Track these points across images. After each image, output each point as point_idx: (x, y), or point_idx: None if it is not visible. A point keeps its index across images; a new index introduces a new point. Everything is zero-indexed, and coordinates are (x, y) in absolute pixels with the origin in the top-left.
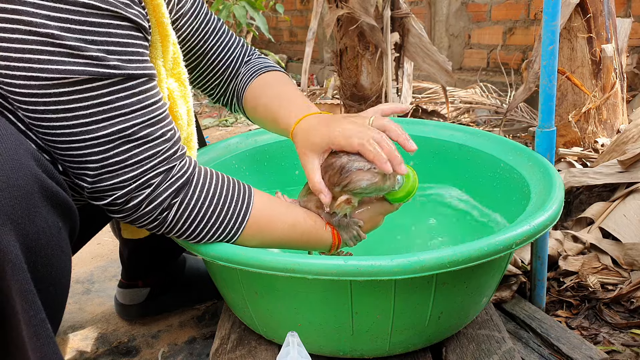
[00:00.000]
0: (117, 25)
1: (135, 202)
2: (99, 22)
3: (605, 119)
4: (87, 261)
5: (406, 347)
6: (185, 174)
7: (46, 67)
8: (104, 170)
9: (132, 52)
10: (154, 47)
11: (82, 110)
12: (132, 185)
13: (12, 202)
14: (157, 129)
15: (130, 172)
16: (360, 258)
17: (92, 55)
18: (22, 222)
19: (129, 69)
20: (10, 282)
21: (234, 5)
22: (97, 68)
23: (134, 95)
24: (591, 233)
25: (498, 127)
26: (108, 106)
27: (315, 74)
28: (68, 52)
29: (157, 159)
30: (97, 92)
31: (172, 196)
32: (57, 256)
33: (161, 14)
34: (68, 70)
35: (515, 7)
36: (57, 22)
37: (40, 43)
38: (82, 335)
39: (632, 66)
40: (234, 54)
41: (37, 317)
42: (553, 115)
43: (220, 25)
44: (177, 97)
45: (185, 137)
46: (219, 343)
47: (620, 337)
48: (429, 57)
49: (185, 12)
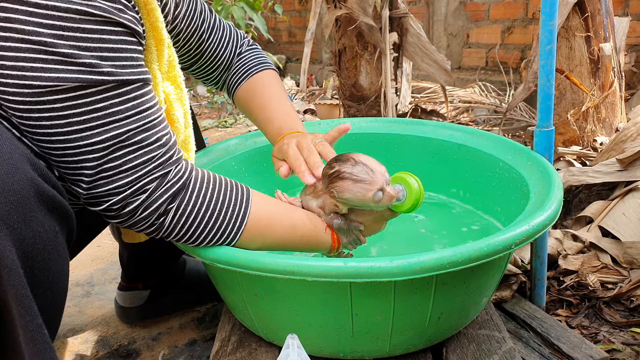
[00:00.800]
0: (111, 31)
1: (131, 207)
2: (92, 29)
3: (604, 117)
4: (87, 264)
5: (406, 348)
6: (182, 179)
7: (39, 75)
8: (99, 176)
9: (126, 58)
10: (149, 51)
11: (76, 117)
12: (128, 191)
13: (7, 206)
14: (152, 134)
15: (125, 177)
16: (359, 260)
17: (86, 62)
18: (18, 227)
19: (123, 75)
20: (7, 287)
21: (232, 6)
22: (90, 75)
23: (129, 101)
24: (591, 232)
25: (497, 127)
26: (102, 112)
27: (314, 74)
28: (61, 60)
29: (152, 164)
30: (90, 98)
31: (168, 201)
32: (54, 260)
33: (155, 18)
34: (61, 78)
35: (514, 6)
36: (50, 29)
37: (33, 51)
38: (82, 338)
39: (630, 65)
40: (227, 50)
41: (34, 323)
42: (552, 115)
43: (214, 21)
44: (173, 100)
45: (183, 140)
46: (219, 345)
47: (621, 336)
48: (428, 57)
49: (182, 16)
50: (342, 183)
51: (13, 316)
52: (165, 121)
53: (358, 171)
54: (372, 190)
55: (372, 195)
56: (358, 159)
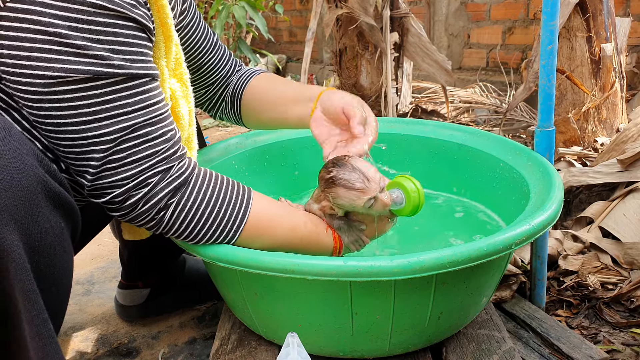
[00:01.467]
0: (123, 25)
1: (133, 200)
2: (105, 22)
3: (605, 118)
4: (87, 262)
5: (406, 348)
6: (183, 175)
7: (52, 66)
8: (105, 167)
9: (137, 52)
10: (158, 47)
11: (86, 108)
12: (131, 184)
13: (15, 202)
14: (157, 128)
15: (129, 170)
16: (359, 259)
17: (98, 54)
18: (26, 222)
19: (133, 69)
20: (14, 281)
21: (233, 6)
22: (102, 67)
23: (137, 95)
24: (591, 232)
25: (498, 127)
26: (111, 104)
27: (315, 73)
28: (75, 52)
29: (156, 158)
30: (100, 90)
31: (169, 196)
32: (60, 256)
33: (165, 14)
34: (73, 69)
35: (515, 7)
36: (66, 21)
37: (48, 42)
38: (82, 336)
39: (632, 65)
40: (225, 68)
41: (40, 317)
42: (552, 115)
43: (216, 40)
44: (179, 97)
45: (186, 137)
46: (219, 344)
47: (621, 337)
48: (429, 57)
49: (186, 24)
50: (336, 189)
51: (19, 310)
52: (171, 117)
53: (354, 179)
54: (363, 200)
55: (363, 203)
56: (355, 165)
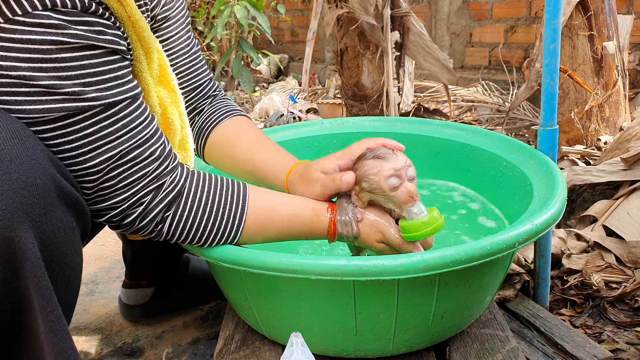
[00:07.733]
0: (91, 55)
1: (130, 219)
2: (71, 57)
3: (608, 116)
4: (90, 262)
5: (410, 347)
6: (177, 187)
7: (24, 108)
8: (97, 194)
9: (110, 79)
10: (138, 60)
11: (68, 144)
12: (125, 205)
13: (31, 200)
14: (145, 149)
15: (121, 194)
16: (363, 258)
17: (69, 91)
18: (40, 220)
19: (109, 97)
20: (28, 279)
21: (235, 5)
22: (75, 103)
23: (118, 121)
24: (595, 231)
25: (500, 126)
26: (93, 137)
27: (316, 73)
28: (44, 91)
29: (147, 178)
30: (79, 125)
31: (164, 210)
32: (71, 256)
33: (141, 28)
34: (46, 109)
35: (517, 5)
36: (28, 62)
37: (14, 85)
38: (86, 336)
39: (635, 63)
40: (203, 82)
41: (54, 314)
42: (555, 114)
43: (198, 50)
44: (167, 104)
45: (180, 140)
46: (223, 343)
47: (625, 336)
48: (430, 56)
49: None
50: (365, 161)
51: (33, 307)
52: (159, 132)
53: (382, 152)
54: (390, 170)
55: (389, 174)
56: (390, 147)
